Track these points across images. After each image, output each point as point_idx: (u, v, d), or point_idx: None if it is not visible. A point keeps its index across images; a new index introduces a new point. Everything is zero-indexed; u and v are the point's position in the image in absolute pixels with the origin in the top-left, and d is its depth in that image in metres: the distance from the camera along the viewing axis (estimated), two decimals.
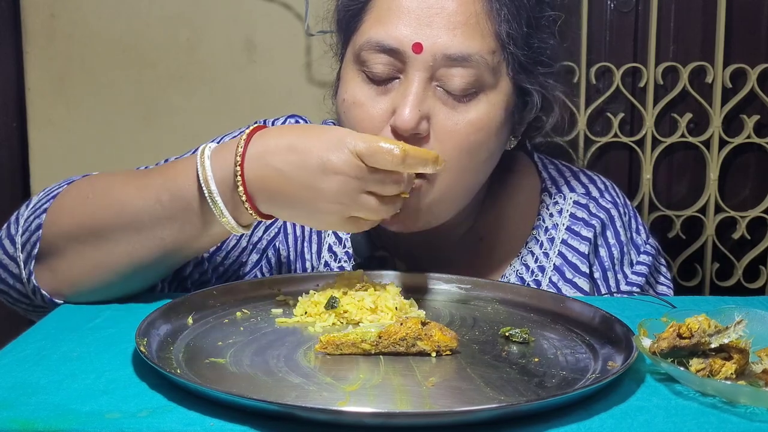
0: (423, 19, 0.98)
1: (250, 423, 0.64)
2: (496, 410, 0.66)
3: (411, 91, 0.97)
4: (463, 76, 0.98)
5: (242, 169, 0.89)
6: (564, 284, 1.11)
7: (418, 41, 0.97)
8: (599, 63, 1.73)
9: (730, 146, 1.77)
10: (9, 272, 1.00)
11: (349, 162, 0.88)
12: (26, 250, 0.98)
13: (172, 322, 0.84)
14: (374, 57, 1.00)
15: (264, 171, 0.90)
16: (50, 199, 0.99)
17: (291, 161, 0.89)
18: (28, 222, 0.99)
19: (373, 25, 1.01)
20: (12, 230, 1.00)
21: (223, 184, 0.90)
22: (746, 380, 0.72)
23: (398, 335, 0.80)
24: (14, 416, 0.65)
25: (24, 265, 0.98)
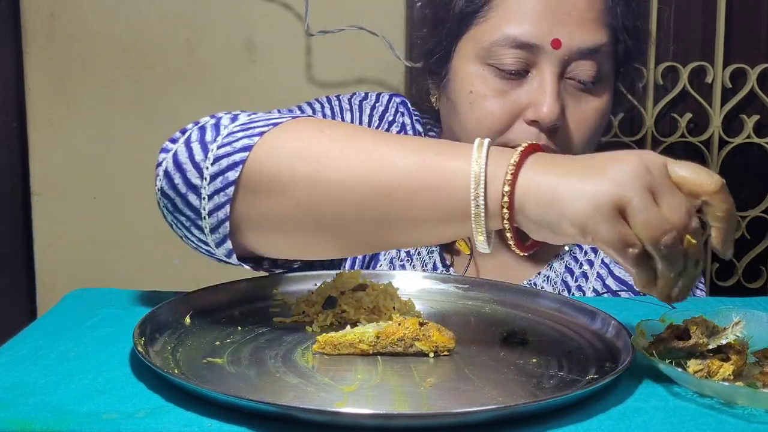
0: (558, 16, 1.04)
1: (247, 424, 0.64)
2: (494, 411, 0.66)
3: (549, 84, 1.05)
4: (592, 68, 1.06)
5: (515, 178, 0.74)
6: (616, 266, 1.15)
7: (557, 37, 1.04)
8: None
9: (730, 146, 1.77)
10: (186, 180, 0.84)
11: (650, 156, 0.73)
12: (220, 165, 0.82)
13: (169, 322, 0.84)
14: (507, 52, 1.05)
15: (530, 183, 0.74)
16: (269, 125, 0.84)
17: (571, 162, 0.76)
18: (233, 136, 0.84)
19: (505, 21, 1.06)
20: (208, 136, 0.85)
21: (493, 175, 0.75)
22: (744, 381, 0.72)
23: (396, 335, 0.79)
24: (11, 417, 0.65)
25: (211, 179, 0.82)
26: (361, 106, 1.19)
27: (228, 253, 0.86)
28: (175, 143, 0.89)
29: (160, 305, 0.84)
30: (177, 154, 0.86)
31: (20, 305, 1.83)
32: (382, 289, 0.91)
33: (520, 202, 0.74)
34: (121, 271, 1.76)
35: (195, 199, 0.84)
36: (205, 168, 0.83)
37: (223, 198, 0.83)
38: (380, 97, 1.22)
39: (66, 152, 1.74)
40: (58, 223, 1.76)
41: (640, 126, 1.76)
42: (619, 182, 0.70)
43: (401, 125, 1.19)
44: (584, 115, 1.08)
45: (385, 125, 1.19)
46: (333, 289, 0.91)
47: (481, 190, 0.74)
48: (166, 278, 1.73)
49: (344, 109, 1.18)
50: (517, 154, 0.74)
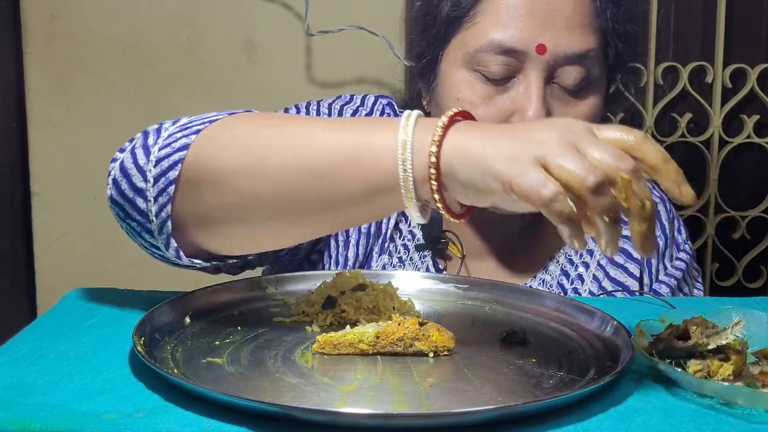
0: (545, 21, 1.03)
1: (247, 423, 0.64)
2: (493, 411, 0.66)
3: (535, 90, 1.03)
4: (579, 73, 1.05)
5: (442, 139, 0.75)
6: (612, 268, 1.15)
7: (542, 43, 1.02)
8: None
9: (730, 146, 1.77)
10: (131, 184, 0.87)
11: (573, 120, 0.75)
12: (161, 166, 0.85)
13: (169, 322, 0.84)
14: (493, 57, 1.04)
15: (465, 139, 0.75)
16: (206, 122, 0.87)
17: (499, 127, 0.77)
18: (173, 137, 0.86)
19: (491, 27, 1.04)
20: (150, 140, 0.88)
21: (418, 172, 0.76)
22: (744, 381, 0.72)
23: (396, 335, 0.79)
24: (10, 417, 0.65)
25: (154, 181, 0.85)
26: (342, 110, 1.17)
27: (176, 253, 0.88)
28: (124, 152, 0.91)
29: (160, 305, 0.84)
30: (123, 161, 0.89)
31: (20, 305, 1.83)
32: (381, 289, 0.91)
33: (447, 163, 0.74)
34: (121, 271, 1.76)
35: (142, 203, 0.86)
36: (149, 171, 0.86)
37: (165, 198, 0.85)
38: (365, 99, 1.21)
39: (66, 152, 1.74)
40: (58, 223, 1.76)
41: (640, 126, 1.76)
42: (540, 139, 0.72)
43: None
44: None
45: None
46: (333, 289, 0.91)
47: (408, 154, 0.76)
48: (166, 278, 1.72)
49: (321, 114, 1.17)
50: (445, 118, 0.76)
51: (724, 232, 1.82)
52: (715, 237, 1.80)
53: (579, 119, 1.03)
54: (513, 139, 0.73)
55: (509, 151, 0.72)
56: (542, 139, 0.72)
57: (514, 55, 1.03)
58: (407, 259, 1.14)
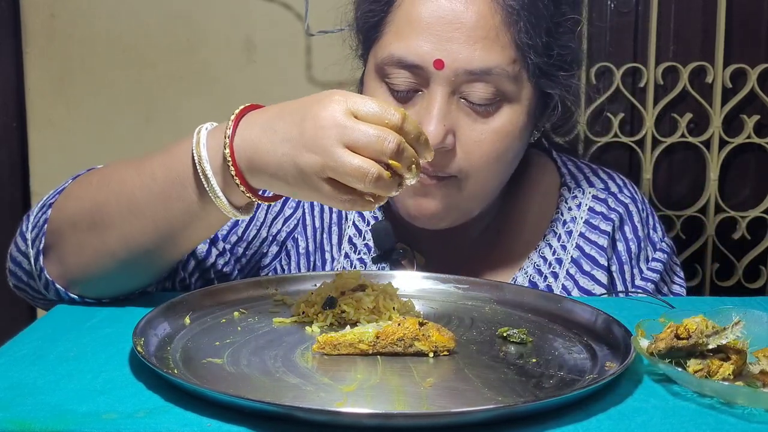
0: (443, 35, 0.99)
1: (247, 423, 0.64)
2: (493, 411, 0.66)
3: (435, 106, 0.99)
4: (485, 89, 1.00)
5: (232, 140, 0.85)
6: (581, 276, 1.13)
7: (439, 58, 0.98)
8: (599, 63, 1.73)
9: (730, 146, 1.77)
10: (23, 269, 0.99)
11: (333, 109, 0.82)
12: (35, 245, 0.97)
13: (169, 322, 0.84)
14: (396, 71, 1.01)
15: (250, 133, 0.85)
16: (57, 194, 0.99)
17: (274, 116, 0.85)
18: (36, 218, 0.98)
19: (393, 40, 1.02)
20: (23, 227, 1.00)
21: (215, 160, 0.86)
22: (744, 381, 0.72)
23: (396, 336, 0.79)
24: (11, 417, 0.65)
25: (34, 261, 0.97)
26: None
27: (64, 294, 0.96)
28: (11, 246, 1.02)
29: (159, 306, 0.84)
30: (11, 252, 1.01)
31: (20, 305, 1.82)
32: (381, 289, 0.91)
33: (249, 179, 0.86)
34: None
35: (35, 283, 0.98)
36: (29, 254, 0.97)
37: (40, 264, 0.97)
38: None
39: (66, 152, 1.74)
40: None
41: (640, 126, 1.76)
42: (313, 148, 0.81)
43: None
44: (480, 137, 1.01)
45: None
46: (333, 289, 0.91)
47: (214, 184, 0.86)
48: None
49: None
50: (227, 143, 0.85)
51: (724, 232, 1.82)
52: (715, 237, 1.80)
53: (489, 135, 1.01)
54: (288, 152, 0.82)
55: (292, 172, 0.83)
56: (311, 145, 0.81)
57: (413, 70, 1.00)
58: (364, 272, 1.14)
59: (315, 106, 0.82)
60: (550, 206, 1.18)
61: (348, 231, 1.15)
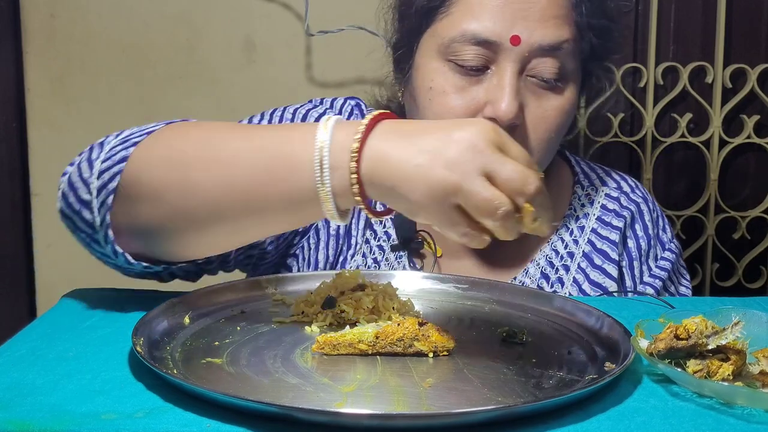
0: (518, 12, 1.03)
1: (246, 424, 0.64)
2: (493, 411, 0.66)
3: (508, 82, 1.03)
4: (553, 65, 1.05)
5: (363, 139, 0.78)
6: (592, 270, 1.14)
7: (516, 34, 1.02)
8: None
9: (730, 146, 1.77)
10: (78, 197, 0.91)
11: (485, 136, 0.77)
12: (103, 179, 0.89)
13: (168, 322, 0.84)
14: (467, 48, 1.04)
15: (384, 140, 0.78)
16: (143, 134, 0.92)
17: (416, 128, 0.80)
18: (114, 150, 0.90)
19: (465, 17, 1.05)
20: (93, 155, 0.91)
21: (337, 154, 0.79)
22: (743, 381, 0.72)
23: (395, 336, 0.79)
24: (9, 417, 0.65)
25: (97, 193, 0.89)
26: (307, 114, 1.17)
27: (124, 259, 0.91)
28: (72, 166, 0.95)
29: (159, 306, 0.85)
30: (70, 175, 0.93)
31: (19, 305, 1.82)
32: (381, 289, 0.91)
33: (367, 184, 0.78)
34: None
35: (88, 214, 0.91)
36: (92, 183, 0.90)
37: (105, 208, 0.89)
38: (334, 102, 1.21)
39: (66, 152, 1.73)
40: (57, 223, 1.74)
41: (640, 126, 1.76)
42: (448, 166, 0.75)
43: None
44: (545, 113, 1.06)
45: None
46: (332, 289, 0.91)
47: (327, 177, 0.79)
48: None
49: (285, 120, 1.17)
50: (358, 138, 0.78)
51: (724, 233, 1.81)
52: (715, 237, 1.80)
53: (553, 112, 1.05)
54: (423, 165, 0.76)
55: (421, 186, 0.76)
56: (450, 163, 0.75)
57: (487, 46, 1.03)
58: (383, 259, 1.14)
59: (467, 127, 0.77)
60: (564, 202, 1.20)
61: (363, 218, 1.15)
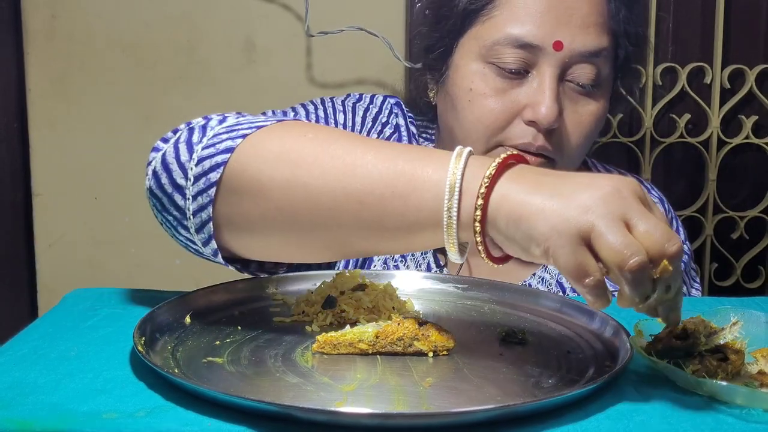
0: (562, 18, 1.05)
1: (247, 423, 0.64)
2: (493, 411, 0.66)
3: (549, 86, 1.06)
4: (591, 71, 1.07)
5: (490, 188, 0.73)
6: None
7: (559, 39, 1.04)
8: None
9: (728, 147, 1.78)
10: (172, 180, 0.86)
11: (627, 185, 0.71)
12: (203, 166, 0.83)
13: (169, 322, 0.84)
14: (509, 51, 1.06)
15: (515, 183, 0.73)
16: (253, 127, 0.85)
17: (551, 175, 0.74)
18: (218, 138, 0.84)
19: (509, 21, 1.07)
20: (195, 137, 0.86)
21: (468, 182, 0.74)
22: (742, 381, 0.73)
23: (395, 335, 0.80)
24: (11, 416, 0.65)
25: (195, 180, 0.84)
26: (354, 108, 1.19)
27: (214, 253, 0.87)
28: (166, 143, 0.90)
29: (160, 305, 0.85)
30: (165, 154, 0.87)
31: (20, 305, 1.83)
32: (381, 289, 0.91)
33: (492, 216, 0.73)
34: (121, 271, 1.76)
35: (180, 199, 0.85)
36: (190, 169, 0.84)
37: (206, 199, 0.84)
38: (374, 98, 1.22)
39: (67, 152, 1.74)
40: (58, 223, 1.76)
41: (639, 126, 1.77)
42: (586, 207, 0.68)
43: (395, 126, 1.20)
44: (581, 118, 1.09)
45: (378, 127, 1.19)
46: (333, 288, 0.91)
47: (455, 201, 0.74)
48: (166, 278, 1.73)
49: (337, 111, 1.18)
50: (494, 166, 0.73)
51: (722, 232, 1.82)
52: (713, 237, 1.80)
53: (588, 117, 1.09)
54: (555, 202, 0.69)
55: (550, 217, 0.69)
56: (585, 204, 0.69)
57: (530, 50, 1.05)
58: (409, 255, 1.15)
59: (613, 177, 0.72)
60: None
61: None
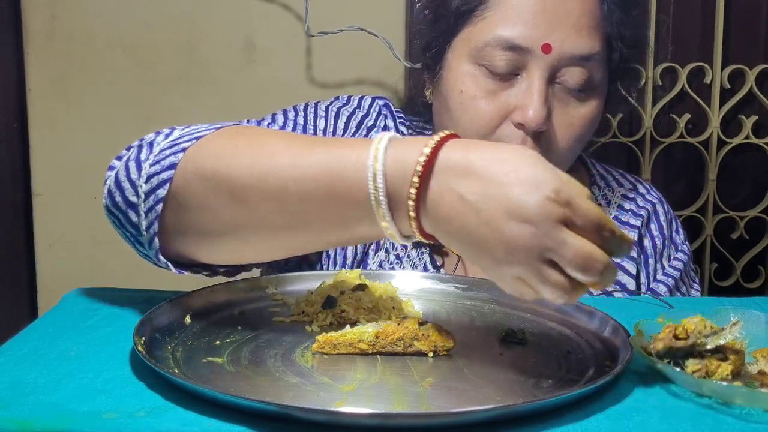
0: (552, 21, 1.04)
1: (247, 423, 0.64)
2: (493, 411, 0.66)
3: (537, 88, 1.05)
4: (582, 74, 1.06)
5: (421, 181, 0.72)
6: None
7: (548, 42, 1.03)
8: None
9: (728, 147, 1.78)
10: (125, 198, 0.88)
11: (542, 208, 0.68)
12: (151, 183, 0.86)
13: (169, 321, 0.84)
14: (499, 53, 1.05)
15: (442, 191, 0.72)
16: (193, 139, 0.87)
17: (475, 190, 0.70)
18: (163, 154, 0.87)
19: (500, 22, 1.06)
20: (142, 155, 0.89)
21: (393, 186, 0.73)
22: (742, 381, 0.73)
23: (395, 335, 0.80)
24: (11, 416, 0.65)
25: (145, 197, 0.86)
26: (338, 113, 1.18)
27: (166, 265, 0.90)
28: (120, 161, 0.92)
29: (160, 305, 0.85)
30: (118, 172, 0.90)
31: (20, 305, 1.83)
32: (382, 289, 0.91)
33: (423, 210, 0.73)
34: (121, 271, 1.76)
35: (134, 216, 0.88)
36: (140, 186, 0.87)
37: (153, 215, 0.86)
38: (362, 101, 1.22)
39: (67, 152, 1.74)
40: (58, 223, 1.76)
41: (638, 126, 1.76)
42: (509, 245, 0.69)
43: (383, 128, 1.20)
44: (571, 120, 1.08)
45: (364, 131, 1.18)
46: (333, 289, 0.91)
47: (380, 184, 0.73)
48: (166, 278, 1.72)
49: (318, 117, 1.18)
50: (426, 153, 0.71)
51: (722, 232, 1.82)
52: (713, 237, 1.80)
53: (579, 120, 1.07)
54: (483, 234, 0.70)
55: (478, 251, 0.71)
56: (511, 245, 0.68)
57: (519, 52, 1.04)
58: (405, 256, 1.15)
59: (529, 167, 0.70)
60: None
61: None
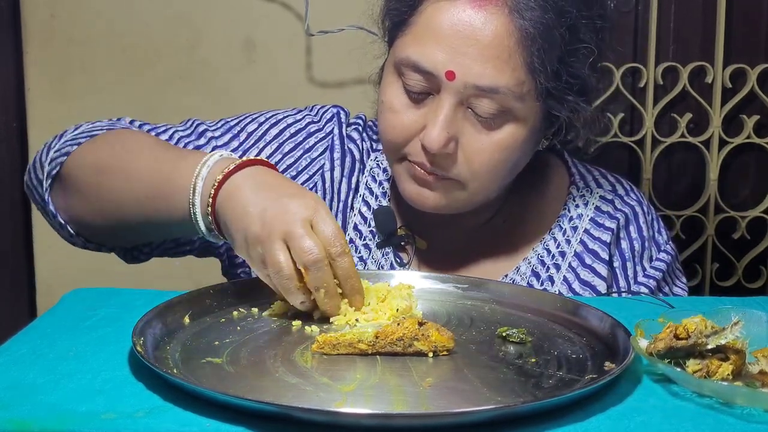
0: (458, 48, 1.01)
1: (246, 423, 0.64)
2: (493, 411, 0.66)
3: (441, 113, 1.02)
4: (491, 104, 1.02)
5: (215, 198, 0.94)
6: (583, 269, 1.15)
7: (451, 69, 1.01)
8: (599, 63, 1.73)
9: (729, 146, 1.77)
10: (35, 175, 1.13)
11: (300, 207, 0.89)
12: (51, 165, 1.09)
13: (168, 322, 0.84)
14: (411, 73, 1.04)
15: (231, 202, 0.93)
16: (87, 137, 1.09)
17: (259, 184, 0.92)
18: (65, 144, 1.09)
19: (412, 43, 1.05)
20: (53, 142, 1.12)
21: (203, 196, 0.95)
22: (743, 381, 0.72)
23: (395, 335, 0.80)
24: (10, 416, 0.65)
25: (46, 177, 1.09)
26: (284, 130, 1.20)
27: (69, 235, 1.12)
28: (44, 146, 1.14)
29: (159, 305, 0.85)
30: (37, 154, 1.14)
31: (20, 305, 1.83)
32: (398, 288, 0.92)
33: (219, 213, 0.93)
34: (121, 271, 1.75)
35: (41, 190, 1.11)
36: (45, 167, 1.10)
37: (47, 191, 1.10)
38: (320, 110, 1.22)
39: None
40: None
41: (640, 126, 1.76)
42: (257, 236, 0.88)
43: (328, 133, 1.20)
44: (481, 147, 1.04)
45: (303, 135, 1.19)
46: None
47: (198, 198, 0.95)
48: (165, 278, 1.73)
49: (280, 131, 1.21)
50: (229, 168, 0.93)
51: (723, 232, 1.82)
52: (714, 237, 1.80)
53: (491, 146, 1.04)
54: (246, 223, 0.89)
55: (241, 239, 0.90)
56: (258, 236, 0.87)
57: (426, 76, 1.03)
58: (369, 257, 1.15)
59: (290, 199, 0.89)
60: (558, 203, 1.20)
61: (353, 219, 1.17)
